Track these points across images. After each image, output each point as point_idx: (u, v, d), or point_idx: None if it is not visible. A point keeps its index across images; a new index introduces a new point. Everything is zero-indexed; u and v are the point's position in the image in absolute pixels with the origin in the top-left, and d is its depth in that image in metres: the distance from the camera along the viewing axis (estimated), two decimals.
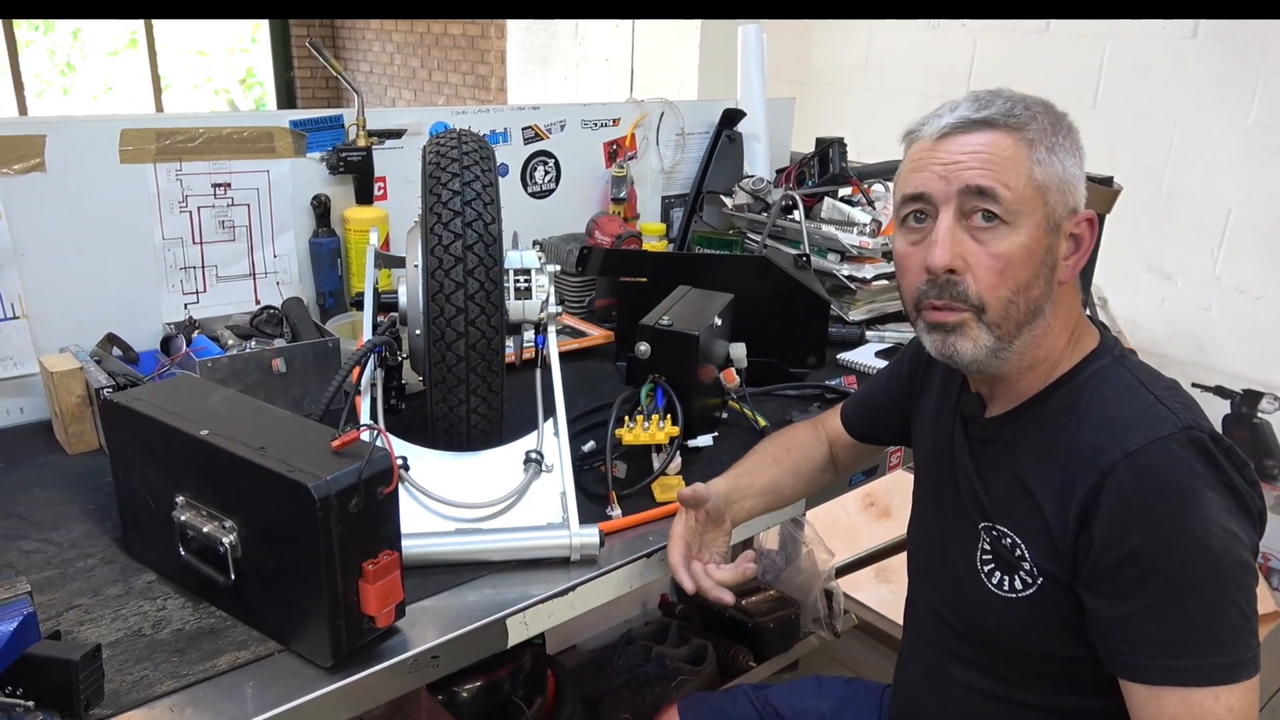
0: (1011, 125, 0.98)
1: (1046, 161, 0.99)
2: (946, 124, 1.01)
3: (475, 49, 7.03)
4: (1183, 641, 0.91)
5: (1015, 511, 1.04)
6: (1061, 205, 1.00)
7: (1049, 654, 1.04)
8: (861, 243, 2.00)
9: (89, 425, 1.42)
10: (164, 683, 0.95)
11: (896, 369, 1.36)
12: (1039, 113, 1.00)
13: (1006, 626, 1.06)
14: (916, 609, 1.26)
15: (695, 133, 2.39)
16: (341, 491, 0.93)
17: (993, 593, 1.06)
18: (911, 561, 1.29)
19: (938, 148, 1.01)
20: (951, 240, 0.99)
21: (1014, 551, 1.04)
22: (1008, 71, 3.31)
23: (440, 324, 1.24)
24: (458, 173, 1.25)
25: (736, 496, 1.25)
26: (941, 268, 1.00)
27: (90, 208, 1.54)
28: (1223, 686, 0.90)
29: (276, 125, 1.72)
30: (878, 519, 3.14)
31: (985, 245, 0.99)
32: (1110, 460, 0.94)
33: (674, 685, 2.16)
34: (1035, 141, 0.98)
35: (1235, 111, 2.80)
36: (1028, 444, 1.05)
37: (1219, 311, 2.93)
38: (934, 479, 1.21)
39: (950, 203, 1.00)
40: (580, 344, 1.89)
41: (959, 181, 0.99)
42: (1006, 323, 1.01)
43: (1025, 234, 0.98)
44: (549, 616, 1.14)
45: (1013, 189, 0.97)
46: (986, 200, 0.98)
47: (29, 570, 1.13)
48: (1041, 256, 0.99)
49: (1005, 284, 0.99)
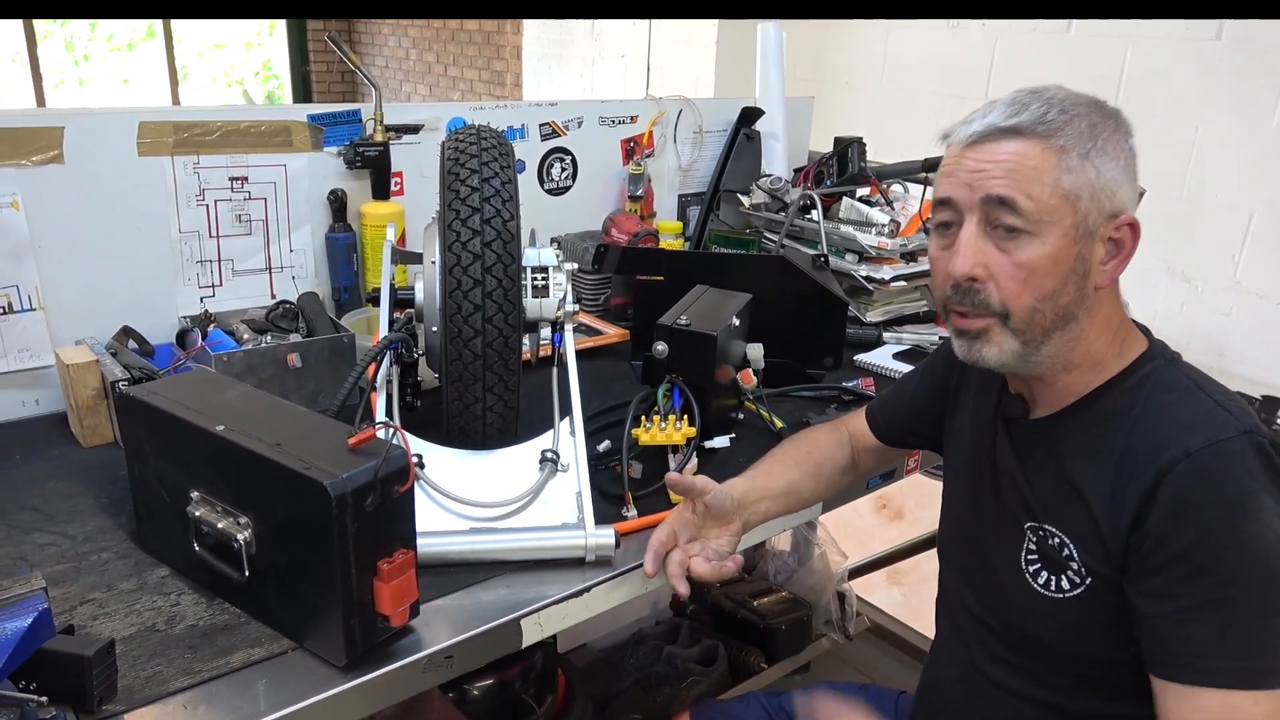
0: (1040, 133, 0.97)
1: (1078, 169, 0.97)
2: (975, 131, 1.00)
3: (491, 44, 7.03)
4: (1227, 643, 0.91)
5: (1064, 511, 1.04)
6: (1095, 211, 0.98)
7: (1092, 657, 1.03)
8: (880, 243, 1.98)
9: (104, 418, 1.42)
10: (177, 679, 0.95)
11: (929, 373, 1.34)
12: (1078, 115, 0.98)
13: (1050, 627, 1.05)
14: (952, 610, 1.24)
15: (713, 131, 2.38)
16: (357, 490, 0.92)
17: (1038, 593, 1.06)
18: (946, 563, 1.27)
19: (965, 155, 1.01)
20: (974, 249, 0.99)
21: (1061, 551, 1.03)
22: (1028, 73, 3.28)
23: (457, 321, 1.23)
24: (476, 169, 1.24)
25: (753, 498, 1.24)
26: (962, 276, 1.00)
27: (107, 200, 1.54)
28: (1263, 692, 0.90)
29: (294, 119, 1.71)
30: (890, 521, 3.12)
31: (1009, 254, 0.99)
32: (1170, 460, 0.94)
33: (684, 686, 2.16)
34: (1066, 149, 0.97)
35: (1257, 115, 2.76)
36: (1076, 445, 1.04)
37: (1239, 316, 2.90)
38: (972, 481, 1.20)
39: (974, 211, 1.00)
40: (595, 342, 1.88)
41: (982, 190, 0.98)
42: (1032, 329, 1.00)
43: (1050, 243, 0.97)
44: (563, 617, 1.13)
45: (1036, 199, 0.96)
46: (1008, 211, 0.97)
47: (43, 563, 1.12)
48: (1070, 264, 0.98)
49: (1029, 292, 0.99)
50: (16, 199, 1.45)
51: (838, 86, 3.96)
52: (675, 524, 1.19)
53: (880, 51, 3.81)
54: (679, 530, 1.19)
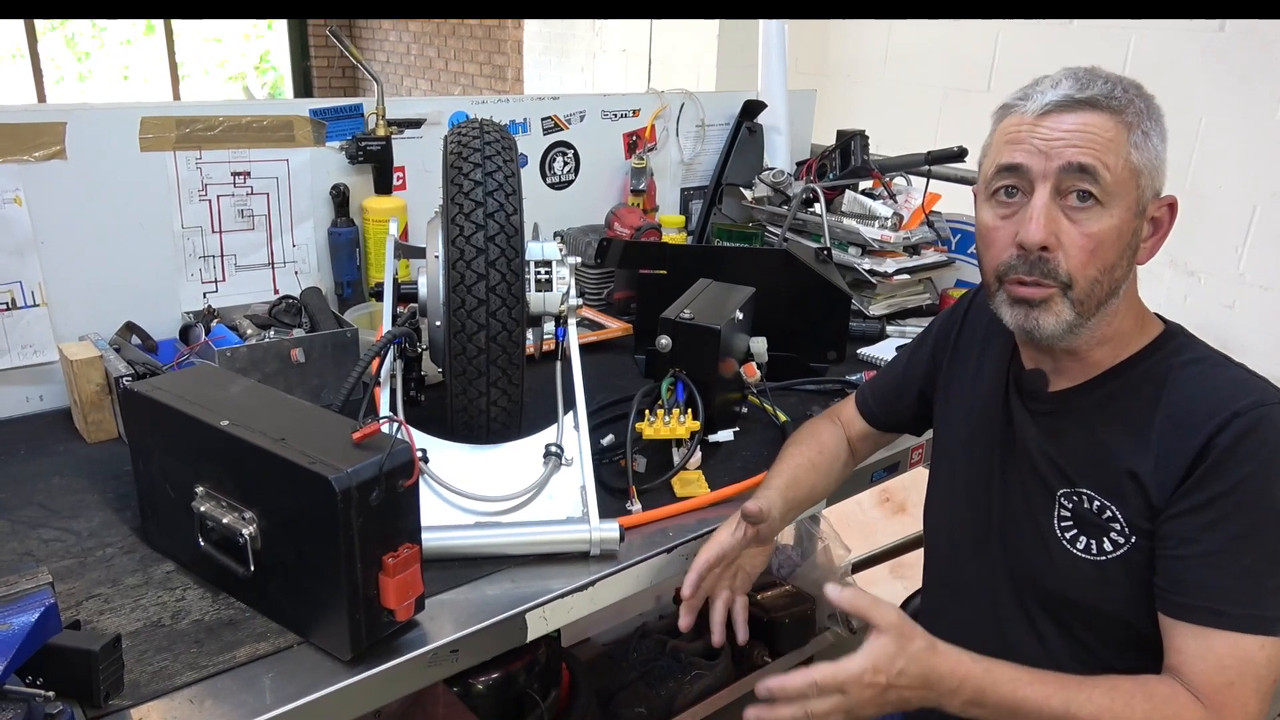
0: (1113, 107, 0.99)
1: (1142, 145, 1.00)
2: (1050, 100, 1.01)
3: (492, 39, 7.01)
4: (1241, 590, 0.96)
5: (1101, 474, 1.06)
6: (1149, 189, 1.02)
7: (1130, 619, 1.05)
8: (883, 236, 1.98)
9: (108, 414, 1.42)
10: (183, 674, 0.95)
11: (915, 354, 1.36)
12: (1135, 95, 1.01)
13: (1089, 589, 1.07)
14: (960, 588, 1.23)
15: (715, 124, 2.37)
16: (362, 484, 0.92)
17: (1079, 556, 1.07)
18: (949, 537, 1.26)
19: (1040, 123, 1.01)
20: (1047, 217, 1.00)
21: (1102, 514, 1.05)
22: (1031, 65, 3.25)
23: (461, 315, 1.23)
24: (479, 163, 1.24)
25: (786, 511, 1.25)
26: (1036, 244, 1.01)
27: (110, 196, 1.54)
28: (1271, 638, 0.95)
29: (296, 114, 1.71)
30: (894, 515, 3.12)
31: (1079, 224, 1.00)
32: (1220, 421, 0.97)
33: (688, 679, 2.16)
34: (1133, 125, 1.00)
35: (1261, 107, 2.76)
36: (1109, 414, 1.07)
37: (1243, 308, 2.90)
38: (981, 454, 1.20)
39: (1049, 179, 1.00)
40: (598, 336, 1.88)
41: (1061, 158, 0.99)
42: (1090, 300, 1.02)
43: (1118, 215, 1.00)
44: (568, 611, 1.14)
45: (1113, 170, 0.99)
46: (1086, 179, 0.99)
47: (49, 559, 1.13)
48: (1129, 239, 1.02)
49: (1095, 263, 1.01)
50: (19, 195, 1.45)
51: (840, 79, 3.95)
52: (726, 546, 1.19)
53: (882, 44, 3.80)
54: (727, 555, 1.20)
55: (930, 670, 0.97)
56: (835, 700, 0.96)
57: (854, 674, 0.96)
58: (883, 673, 0.96)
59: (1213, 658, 0.96)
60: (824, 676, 0.96)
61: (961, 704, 0.99)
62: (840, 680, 0.96)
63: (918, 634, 0.99)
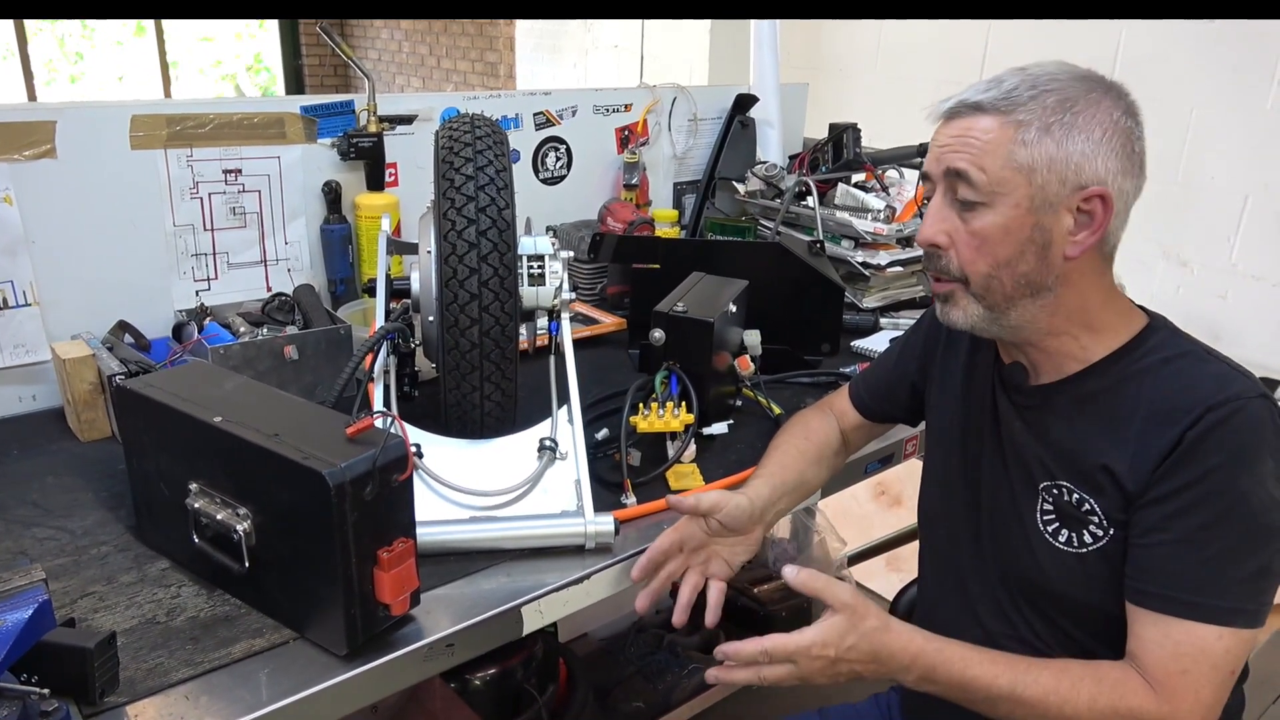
0: (1001, 109, 1.01)
1: (1035, 142, 0.99)
2: (945, 108, 1.06)
3: (484, 36, 7.00)
4: (1202, 581, 0.97)
5: (1081, 468, 1.07)
6: (1056, 183, 1.00)
7: (1112, 610, 1.05)
8: (876, 229, 1.98)
9: (101, 412, 1.42)
10: (179, 670, 0.95)
11: (907, 346, 1.37)
12: (1052, 90, 1.00)
13: (1072, 581, 1.08)
14: (954, 579, 1.24)
15: (708, 118, 2.37)
16: (356, 479, 0.92)
17: (1060, 549, 1.08)
18: (943, 529, 1.27)
19: (939, 131, 1.07)
20: (939, 218, 1.06)
21: (1081, 507, 1.06)
22: (1023, 57, 3.25)
23: (454, 310, 1.23)
24: (471, 158, 1.24)
25: (774, 499, 1.25)
26: (923, 242, 1.08)
27: (101, 194, 1.53)
28: (1228, 629, 0.96)
29: (287, 111, 1.70)
30: (889, 508, 3.13)
31: (967, 223, 1.04)
32: (1194, 415, 0.98)
33: (685, 674, 2.16)
34: (1026, 123, 0.99)
35: (1253, 98, 2.76)
36: (1090, 409, 1.08)
37: (1235, 299, 2.90)
38: (968, 448, 1.21)
39: (940, 183, 1.06)
40: (592, 331, 1.88)
41: (944, 164, 1.04)
42: (991, 295, 1.05)
43: (1003, 214, 1.02)
44: (564, 605, 1.14)
45: (988, 171, 1.01)
46: (963, 183, 1.03)
47: (43, 557, 1.13)
48: (1026, 234, 1.02)
49: (983, 259, 1.04)
50: (10, 194, 1.44)
51: (832, 73, 3.95)
52: (682, 534, 1.20)
53: (874, 38, 3.79)
54: (685, 540, 1.20)
55: (881, 647, 1.03)
56: (786, 669, 1.03)
57: (803, 645, 1.03)
58: (831, 646, 1.03)
59: (1170, 645, 0.98)
60: (774, 645, 1.03)
61: (914, 680, 1.04)
62: (790, 650, 1.03)
63: (870, 613, 1.04)
